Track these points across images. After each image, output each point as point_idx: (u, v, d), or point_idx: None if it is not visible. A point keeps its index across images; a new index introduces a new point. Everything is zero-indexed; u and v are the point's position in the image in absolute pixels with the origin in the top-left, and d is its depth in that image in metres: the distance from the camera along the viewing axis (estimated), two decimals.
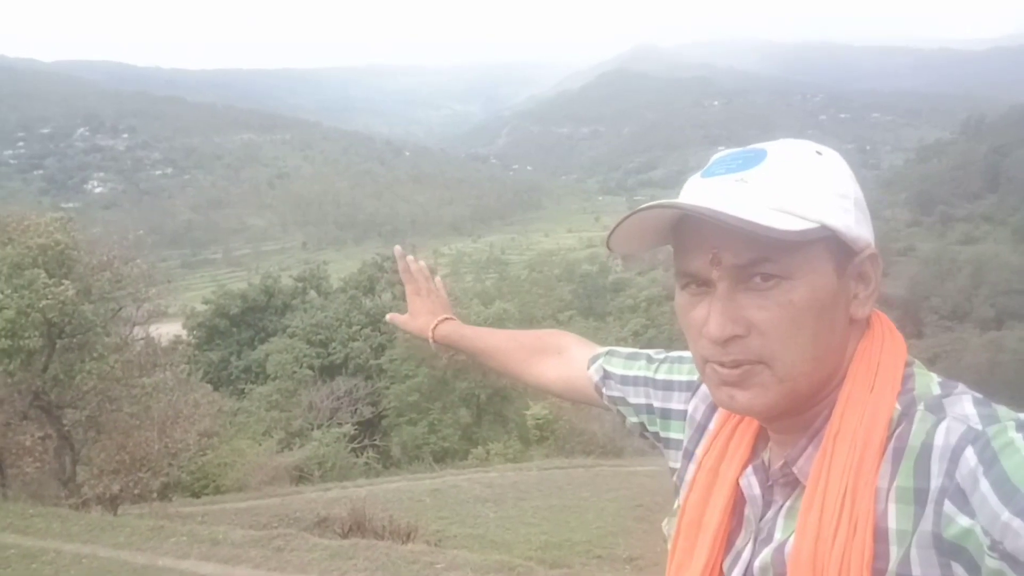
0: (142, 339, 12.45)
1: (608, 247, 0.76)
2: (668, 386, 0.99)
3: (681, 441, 0.95)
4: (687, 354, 0.96)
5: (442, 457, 17.93)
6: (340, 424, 18.34)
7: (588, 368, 1.11)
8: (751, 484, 0.79)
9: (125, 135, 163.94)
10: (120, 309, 11.74)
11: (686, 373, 0.97)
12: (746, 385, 0.71)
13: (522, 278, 52.42)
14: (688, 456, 0.92)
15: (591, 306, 49.82)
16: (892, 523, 0.64)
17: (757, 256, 0.68)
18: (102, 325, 10.72)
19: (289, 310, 28.93)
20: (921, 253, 53.62)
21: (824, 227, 0.68)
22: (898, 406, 0.69)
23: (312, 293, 30.71)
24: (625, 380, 1.04)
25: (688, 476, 0.89)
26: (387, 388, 22.06)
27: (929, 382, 0.71)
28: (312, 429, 17.91)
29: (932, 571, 0.61)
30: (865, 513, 0.65)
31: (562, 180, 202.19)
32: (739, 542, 0.80)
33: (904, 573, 0.63)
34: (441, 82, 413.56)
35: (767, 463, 0.79)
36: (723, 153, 0.76)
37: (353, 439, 17.59)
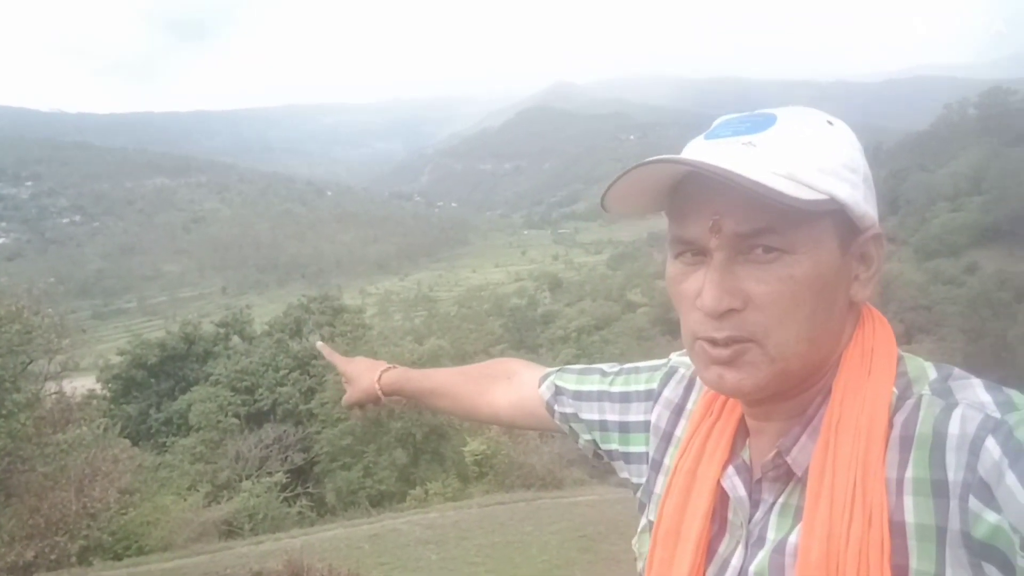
0: (54, 394, 11.77)
1: (603, 206, 0.72)
2: (626, 398, 0.94)
3: (645, 453, 0.90)
4: (643, 364, 0.95)
5: (379, 501, 17.50)
6: (270, 473, 17.73)
7: (539, 387, 1.05)
8: (735, 485, 0.74)
9: (29, 183, 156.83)
10: (30, 363, 11.08)
11: (643, 383, 0.93)
12: (736, 364, 0.67)
13: (452, 314, 52.38)
14: (656, 467, 0.87)
15: (522, 339, 50.01)
16: (909, 516, 0.60)
17: (762, 226, 0.64)
18: (11, 380, 10.08)
19: (211, 357, 27.93)
20: None
21: (833, 199, 0.64)
22: (895, 389, 0.66)
23: (235, 339, 29.81)
24: (578, 395, 0.99)
25: (658, 488, 0.84)
26: (318, 433, 21.50)
27: (921, 364, 0.69)
28: (240, 480, 17.25)
29: (963, 572, 0.58)
30: (879, 505, 0.61)
31: (487, 216, 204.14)
32: (723, 548, 0.74)
33: (930, 571, 0.59)
34: (362, 120, 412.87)
35: (749, 462, 0.75)
36: (728, 116, 0.71)
37: (285, 488, 17.01)
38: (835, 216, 0.65)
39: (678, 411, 0.87)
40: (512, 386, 1.11)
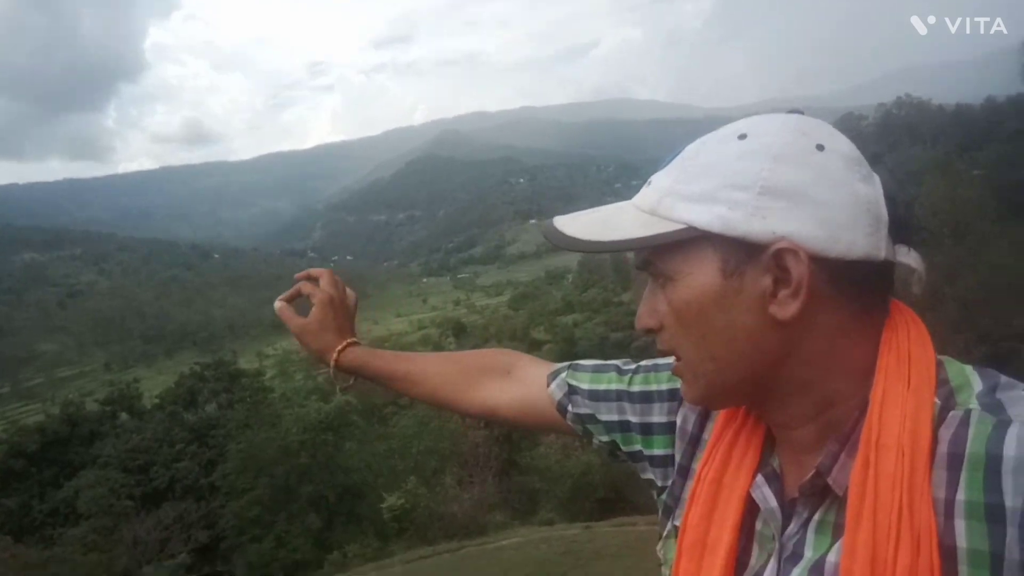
0: None
1: (551, 241, 0.74)
2: (647, 398, 0.89)
3: (669, 456, 0.86)
4: (662, 361, 0.90)
5: (295, 571, 16.75)
6: (173, 556, 16.74)
7: (549, 385, 0.99)
8: (766, 496, 0.71)
9: None
10: None
11: (666, 382, 0.88)
12: (681, 376, 0.72)
13: None
14: (684, 471, 0.83)
15: None
16: (961, 541, 0.57)
17: (644, 258, 0.69)
18: None
19: (98, 438, 26.30)
20: None
21: (690, 227, 0.65)
22: (937, 400, 0.62)
23: (123, 415, 28.29)
24: (595, 395, 0.94)
25: (686, 493, 0.81)
26: (222, 507, 20.50)
27: (963, 370, 0.65)
28: (140, 567, 16.17)
29: None
30: (927, 528, 0.58)
31: (384, 267, 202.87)
32: (753, 561, 0.71)
33: None
34: (243, 179, 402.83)
35: (779, 471, 0.72)
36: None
37: (191, 570, 16.06)
38: (711, 240, 0.65)
39: (704, 413, 0.83)
40: (512, 382, 1.04)
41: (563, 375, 0.98)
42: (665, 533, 0.84)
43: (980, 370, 0.65)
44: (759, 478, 0.72)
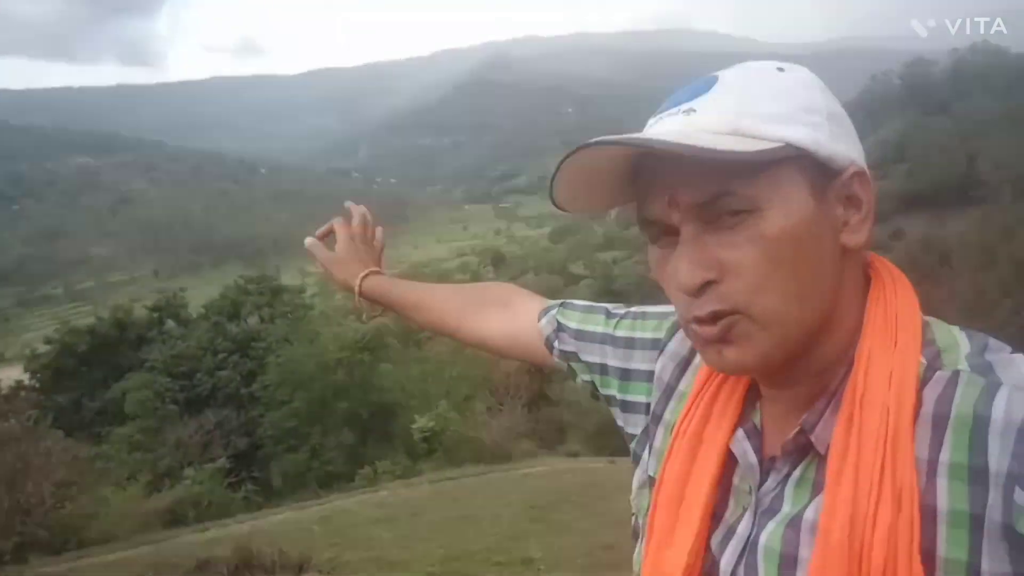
0: None
1: (555, 203, 0.68)
2: (630, 344, 0.89)
3: (644, 404, 0.86)
4: (652, 309, 0.90)
5: (327, 482, 17.33)
6: (213, 459, 17.40)
7: (539, 320, 1.00)
8: (745, 451, 0.70)
9: None
10: None
11: (651, 330, 0.88)
12: (731, 339, 0.63)
13: None
14: (657, 420, 0.83)
15: None
16: (943, 502, 0.56)
17: (716, 190, 0.60)
18: None
19: (145, 343, 27.09)
20: None
21: (788, 145, 0.60)
22: (923, 359, 0.61)
23: (170, 323, 28.91)
24: (580, 335, 0.94)
25: (658, 443, 0.81)
26: (261, 416, 21.16)
27: (951, 331, 0.64)
28: (182, 468, 16.87)
29: (1002, 566, 0.54)
30: (908, 487, 0.57)
31: (427, 191, 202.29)
32: (728, 515, 0.71)
33: (962, 560, 0.55)
34: (292, 94, 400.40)
35: (759, 426, 0.71)
36: (678, 89, 0.68)
37: (229, 473, 16.71)
38: (799, 162, 0.61)
39: (683, 365, 0.83)
40: (508, 314, 1.06)
41: (553, 312, 0.99)
42: (638, 483, 0.83)
43: (968, 332, 0.64)
44: (739, 432, 0.71)
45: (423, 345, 23.32)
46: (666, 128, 0.63)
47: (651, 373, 0.86)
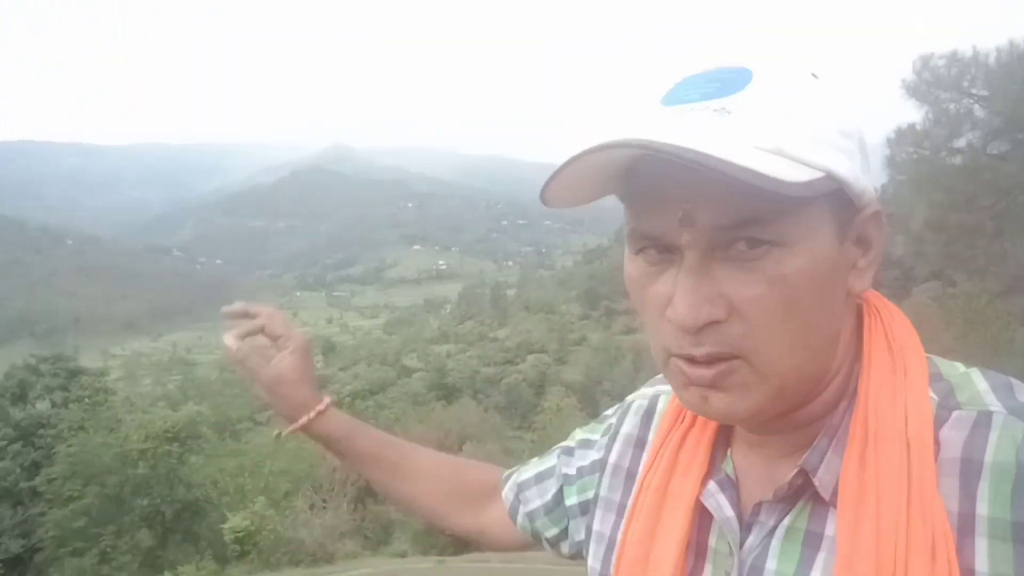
0: None
1: (543, 201, 0.57)
2: (585, 444, 0.82)
3: (587, 503, 0.78)
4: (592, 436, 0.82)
5: None
6: None
7: (501, 492, 0.89)
8: (720, 504, 0.61)
9: None
10: None
11: (602, 425, 0.82)
12: (723, 386, 0.55)
13: (212, 379, 48.51)
14: (603, 503, 0.75)
15: None
16: (981, 563, 0.49)
17: (746, 216, 0.51)
18: None
19: None
20: (592, 343, 60.39)
21: (831, 176, 0.51)
22: (934, 396, 0.55)
23: None
24: (540, 477, 0.84)
25: (596, 524, 0.75)
26: (43, 515, 18.67)
27: (957, 367, 0.59)
28: None
29: None
30: (943, 536, 0.50)
31: (256, 275, 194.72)
32: None
33: None
34: (110, 164, 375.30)
35: (733, 476, 0.63)
36: (692, 72, 0.56)
37: None
38: (831, 196, 0.53)
39: (640, 445, 0.74)
40: (496, 503, 0.92)
41: (512, 477, 0.89)
42: (593, 548, 0.75)
43: (983, 370, 0.58)
44: (711, 485, 0.63)
45: (241, 436, 21.82)
46: (689, 125, 0.51)
47: (603, 462, 0.78)
